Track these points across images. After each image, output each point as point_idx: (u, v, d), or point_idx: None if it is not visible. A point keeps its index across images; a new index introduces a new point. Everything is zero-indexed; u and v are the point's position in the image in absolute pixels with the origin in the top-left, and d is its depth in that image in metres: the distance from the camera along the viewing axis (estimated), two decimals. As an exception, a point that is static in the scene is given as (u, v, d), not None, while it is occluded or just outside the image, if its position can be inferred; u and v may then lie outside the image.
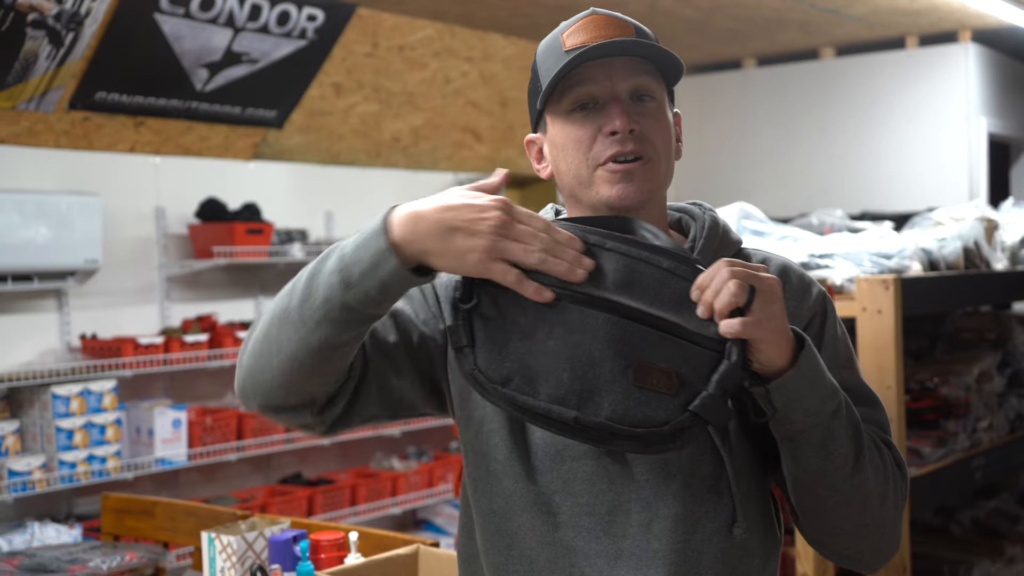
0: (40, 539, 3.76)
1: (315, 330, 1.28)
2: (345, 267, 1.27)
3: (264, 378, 1.34)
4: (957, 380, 3.35)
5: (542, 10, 4.90)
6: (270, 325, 1.33)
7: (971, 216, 3.50)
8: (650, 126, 1.42)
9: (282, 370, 1.32)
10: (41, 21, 3.74)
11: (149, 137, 4.53)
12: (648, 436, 1.26)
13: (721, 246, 1.50)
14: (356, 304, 1.27)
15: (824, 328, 1.48)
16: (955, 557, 3.68)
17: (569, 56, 1.40)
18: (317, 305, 1.28)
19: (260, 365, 1.34)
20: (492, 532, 1.44)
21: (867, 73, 5.86)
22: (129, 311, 4.47)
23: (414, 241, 1.26)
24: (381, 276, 1.26)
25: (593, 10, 1.45)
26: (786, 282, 1.47)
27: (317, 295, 1.28)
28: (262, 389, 1.35)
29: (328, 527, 2.48)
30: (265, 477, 4.94)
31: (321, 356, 1.30)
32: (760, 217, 3.26)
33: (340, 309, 1.27)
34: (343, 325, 1.29)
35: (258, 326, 1.36)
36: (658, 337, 1.27)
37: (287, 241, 4.80)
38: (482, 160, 6.00)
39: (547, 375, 1.27)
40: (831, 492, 1.36)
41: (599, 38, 1.40)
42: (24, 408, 3.97)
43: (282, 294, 1.33)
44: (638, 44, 1.40)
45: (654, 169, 1.42)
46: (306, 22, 4.50)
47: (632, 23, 1.44)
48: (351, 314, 1.28)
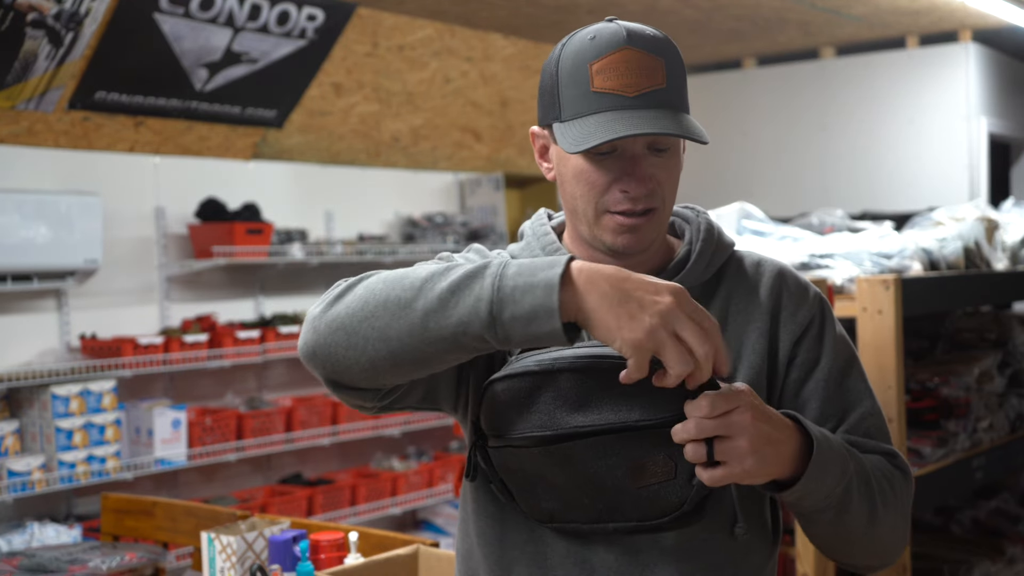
0: (40, 539, 3.76)
1: (435, 343, 1.23)
2: (499, 301, 1.20)
3: (348, 357, 1.26)
4: (957, 380, 3.34)
5: (542, 10, 4.90)
6: (376, 311, 1.24)
7: (971, 216, 3.49)
8: (662, 178, 1.41)
9: (374, 360, 1.25)
10: (41, 21, 3.74)
11: (149, 137, 4.53)
12: (677, 519, 1.35)
13: (717, 250, 1.51)
14: (492, 340, 1.21)
15: (823, 331, 1.49)
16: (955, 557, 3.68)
17: (597, 100, 1.36)
18: (450, 323, 1.22)
19: (348, 343, 1.25)
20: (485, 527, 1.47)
21: (867, 73, 5.86)
22: (129, 311, 4.47)
23: (582, 298, 1.19)
24: (535, 330, 1.20)
25: (628, 37, 1.37)
26: (783, 287, 1.50)
27: (453, 313, 1.21)
28: (340, 367, 1.27)
29: (328, 527, 2.48)
30: (265, 477, 4.94)
31: (424, 365, 1.26)
32: (760, 217, 3.25)
33: (473, 339, 1.22)
34: (466, 350, 1.25)
35: (353, 298, 1.26)
36: (636, 436, 1.31)
37: (287, 241, 4.80)
38: (482, 160, 6.00)
39: (574, 505, 1.37)
40: (847, 541, 1.42)
41: (629, 88, 1.35)
42: (24, 408, 3.97)
43: (402, 283, 1.24)
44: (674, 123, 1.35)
45: (659, 218, 1.43)
46: (306, 22, 4.49)
47: (663, 60, 1.38)
48: (481, 345, 1.23)
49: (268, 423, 4.60)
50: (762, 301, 1.48)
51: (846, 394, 1.47)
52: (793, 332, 1.48)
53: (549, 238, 1.53)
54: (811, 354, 1.48)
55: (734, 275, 1.51)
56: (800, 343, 1.47)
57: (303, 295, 5.14)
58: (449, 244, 5.41)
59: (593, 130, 1.35)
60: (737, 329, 1.47)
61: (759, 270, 1.52)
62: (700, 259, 1.48)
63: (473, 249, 1.54)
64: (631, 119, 1.35)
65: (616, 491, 1.34)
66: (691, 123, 1.39)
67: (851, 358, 1.50)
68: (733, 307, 1.48)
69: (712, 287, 1.50)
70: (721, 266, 1.52)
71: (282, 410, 4.68)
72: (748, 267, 1.52)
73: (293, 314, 4.88)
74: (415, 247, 5.26)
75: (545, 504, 1.38)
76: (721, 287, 1.50)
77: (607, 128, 1.34)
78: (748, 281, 1.50)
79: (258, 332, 4.57)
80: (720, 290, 1.50)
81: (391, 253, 5.15)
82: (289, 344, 4.67)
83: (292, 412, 4.71)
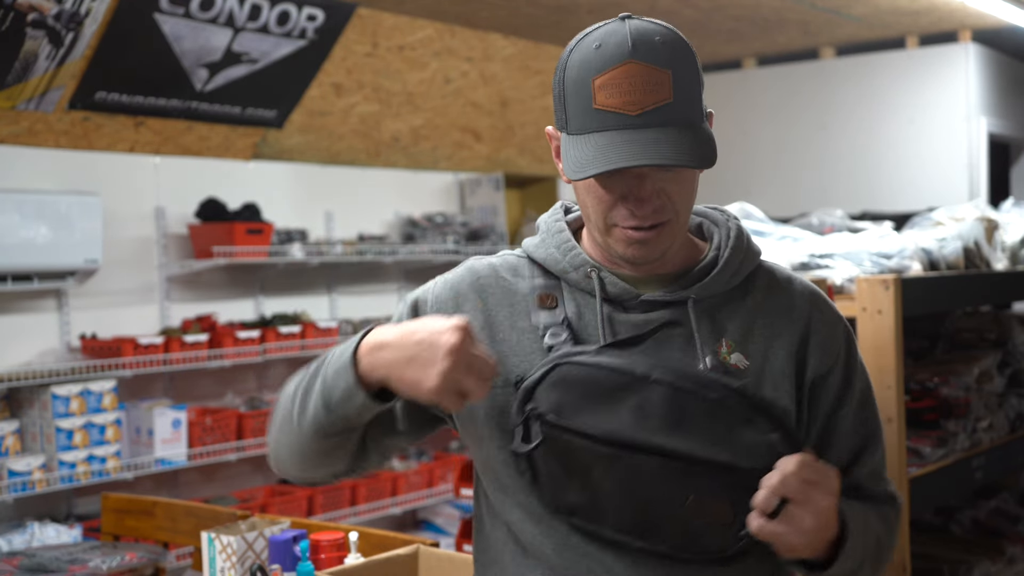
0: (40, 539, 3.76)
1: (311, 436, 1.43)
2: (326, 391, 1.38)
3: (286, 462, 1.52)
4: (957, 380, 3.34)
5: (542, 10, 4.90)
6: (280, 422, 1.50)
7: (971, 216, 3.50)
8: (673, 191, 1.37)
9: (296, 460, 1.50)
10: (41, 21, 3.74)
11: (149, 137, 4.53)
12: (708, 562, 1.35)
13: (746, 258, 1.48)
14: (338, 422, 1.39)
15: (851, 362, 1.50)
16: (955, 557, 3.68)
17: (599, 118, 1.33)
18: (308, 420, 1.42)
19: (280, 453, 1.52)
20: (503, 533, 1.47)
21: (867, 73, 5.86)
22: (129, 311, 4.47)
23: (375, 370, 1.34)
24: (354, 404, 1.36)
25: (633, 49, 1.33)
26: (816, 312, 1.49)
27: (308, 411, 1.42)
28: (288, 469, 1.54)
29: (328, 527, 2.48)
30: (265, 477, 4.94)
31: (322, 451, 1.45)
32: (760, 217, 3.25)
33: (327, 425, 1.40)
34: (332, 434, 1.42)
35: (275, 413, 1.52)
36: (714, 474, 1.31)
37: (287, 241, 4.80)
38: (482, 160, 6.00)
39: (610, 511, 1.35)
40: None
41: (632, 106, 1.31)
42: (24, 408, 3.97)
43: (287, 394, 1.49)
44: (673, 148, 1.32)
45: (671, 229, 1.40)
46: (306, 22, 4.50)
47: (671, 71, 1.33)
48: (335, 427, 1.41)
49: (268, 423, 4.59)
50: (792, 322, 1.46)
51: (865, 428, 1.49)
52: (824, 361, 1.46)
53: (564, 236, 1.49)
54: (841, 386, 1.47)
55: (763, 288, 1.48)
56: (831, 373, 1.47)
57: (303, 295, 5.14)
58: (449, 244, 5.41)
59: (592, 155, 1.32)
60: (762, 344, 1.44)
61: (790, 288, 1.49)
62: (727, 267, 1.45)
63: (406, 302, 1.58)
64: (631, 144, 1.31)
65: (663, 516, 1.33)
66: (696, 142, 1.33)
67: (869, 387, 1.51)
68: (760, 321, 1.45)
69: (738, 296, 1.46)
70: (750, 275, 1.48)
71: (282, 410, 4.67)
72: (778, 283, 1.50)
73: (293, 314, 4.88)
74: (415, 247, 5.26)
75: (573, 498, 1.36)
76: (748, 298, 1.46)
77: (604, 155, 1.31)
78: (778, 298, 1.47)
79: (258, 332, 4.57)
80: (747, 301, 1.46)
81: (391, 253, 5.15)
82: (289, 344, 4.67)
83: (292, 412, 4.70)
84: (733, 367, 1.40)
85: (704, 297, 1.44)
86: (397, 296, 5.54)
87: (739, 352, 1.41)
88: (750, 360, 1.41)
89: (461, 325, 1.29)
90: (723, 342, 1.42)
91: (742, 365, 1.41)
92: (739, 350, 1.42)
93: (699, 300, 1.43)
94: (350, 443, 1.45)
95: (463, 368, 1.28)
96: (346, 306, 5.29)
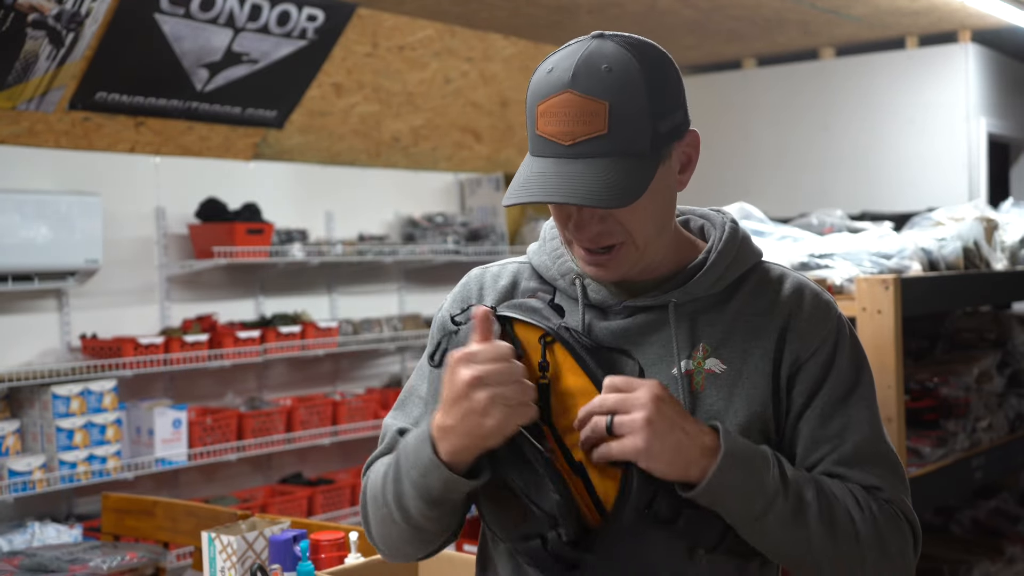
0: (40, 539, 3.76)
1: (422, 525, 1.41)
2: (424, 491, 1.36)
3: (403, 551, 1.49)
4: (957, 380, 3.35)
5: (542, 10, 4.90)
6: (383, 525, 1.46)
7: (971, 216, 3.50)
8: (622, 217, 1.36)
9: (414, 546, 1.46)
10: (41, 21, 3.74)
11: (149, 137, 4.53)
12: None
13: (738, 257, 1.45)
14: (445, 506, 1.38)
15: (833, 357, 1.42)
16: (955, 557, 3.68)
17: (539, 144, 1.35)
18: (415, 516, 1.39)
19: (393, 548, 1.49)
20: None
21: (867, 73, 5.87)
22: (129, 311, 4.47)
23: (456, 452, 1.32)
24: (460, 490, 1.35)
25: (572, 85, 1.32)
26: (797, 305, 1.43)
27: (411, 512, 1.39)
28: (407, 556, 1.51)
29: (328, 527, 2.48)
30: (265, 477, 4.95)
31: (433, 533, 1.43)
32: (760, 217, 3.25)
33: (433, 511, 1.38)
34: (439, 518, 1.40)
35: (370, 515, 1.48)
36: None
37: (287, 241, 4.80)
38: (482, 160, 6.00)
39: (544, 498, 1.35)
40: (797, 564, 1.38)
41: (566, 136, 1.32)
42: (24, 408, 3.97)
43: (378, 502, 1.44)
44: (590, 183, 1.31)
45: (627, 252, 1.39)
46: (306, 22, 4.50)
47: (609, 103, 1.31)
48: (442, 509, 1.39)
49: (268, 423, 4.60)
50: (772, 319, 1.42)
51: (843, 422, 1.40)
52: (797, 355, 1.41)
53: (555, 243, 1.51)
54: (813, 381, 1.41)
55: (750, 291, 1.44)
56: (804, 368, 1.41)
57: (303, 295, 5.15)
58: (449, 244, 5.41)
59: (522, 182, 1.35)
60: (741, 347, 1.41)
61: (778, 286, 1.45)
62: (712, 270, 1.42)
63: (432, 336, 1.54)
64: (557, 176, 1.31)
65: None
66: (625, 175, 1.31)
67: (856, 384, 1.42)
68: (742, 324, 1.41)
69: (724, 299, 1.44)
70: (741, 278, 1.45)
71: (282, 410, 4.69)
72: (769, 282, 1.45)
73: (293, 314, 4.89)
74: (415, 247, 5.26)
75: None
76: (732, 302, 1.43)
77: (527, 185, 1.33)
78: (763, 298, 1.43)
79: (258, 332, 4.58)
80: (731, 305, 1.43)
81: (391, 253, 5.15)
82: (289, 344, 4.67)
83: (292, 412, 4.71)
84: (708, 372, 1.39)
85: (686, 301, 1.42)
86: (397, 296, 5.54)
87: (715, 357, 1.40)
88: (727, 364, 1.39)
89: (460, 355, 1.30)
90: (700, 347, 1.40)
91: (718, 370, 1.39)
92: (716, 354, 1.40)
93: (681, 304, 1.42)
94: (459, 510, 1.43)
95: (495, 385, 1.28)
96: (346, 306, 5.30)
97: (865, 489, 1.38)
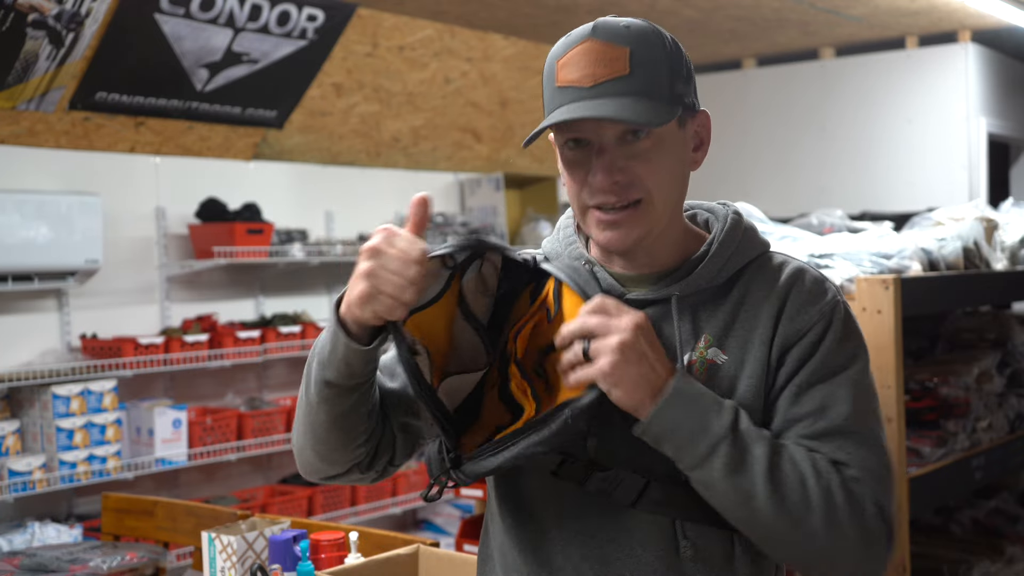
0: (40, 539, 3.76)
1: (319, 409, 1.40)
2: (321, 352, 1.38)
3: (307, 456, 1.48)
4: (957, 380, 3.35)
5: (542, 10, 4.90)
6: (297, 413, 1.47)
7: (971, 216, 3.50)
8: (640, 168, 1.36)
9: (315, 448, 1.45)
10: (41, 21, 3.74)
11: (149, 137, 4.53)
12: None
13: (741, 248, 1.44)
14: (336, 379, 1.36)
15: (822, 339, 1.38)
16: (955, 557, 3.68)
17: (559, 95, 1.36)
18: (313, 391, 1.40)
19: (301, 446, 1.48)
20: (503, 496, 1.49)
21: (867, 73, 5.87)
22: (129, 311, 4.47)
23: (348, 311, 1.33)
24: (340, 352, 1.35)
25: (594, 28, 1.36)
26: (793, 287, 1.41)
27: (311, 383, 1.40)
28: (311, 467, 1.49)
29: (328, 527, 2.48)
30: (265, 477, 4.95)
31: (335, 427, 1.41)
32: (760, 217, 3.26)
33: (326, 387, 1.38)
34: (335, 399, 1.39)
35: (295, 416, 1.50)
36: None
37: (287, 241, 4.80)
38: (482, 160, 6.00)
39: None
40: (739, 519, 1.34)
41: (587, 79, 1.33)
42: (24, 408, 3.97)
43: (300, 391, 1.48)
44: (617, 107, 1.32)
45: (645, 212, 1.38)
46: (306, 22, 4.50)
47: (629, 48, 1.34)
48: (336, 388, 1.37)
49: (268, 423, 4.60)
50: (770, 305, 1.40)
51: (821, 401, 1.36)
52: (787, 337, 1.38)
53: (569, 231, 1.52)
54: (797, 361, 1.38)
55: (753, 281, 1.43)
56: (792, 349, 1.38)
57: (303, 295, 5.15)
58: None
59: (544, 122, 1.36)
60: (741, 336, 1.40)
61: (778, 274, 1.43)
62: (713, 261, 1.42)
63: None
64: (580, 110, 1.33)
65: None
66: (648, 109, 1.33)
67: (842, 368, 1.38)
68: (741, 314, 1.41)
69: (725, 291, 1.43)
70: (744, 268, 1.44)
71: (282, 410, 4.68)
72: (769, 271, 1.44)
73: (293, 314, 4.89)
74: (415, 247, 5.25)
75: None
76: (735, 292, 1.42)
77: (548, 119, 1.35)
78: (764, 287, 1.42)
79: (258, 332, 4.58)
80: (733, 295, 1.42)
81: (391, 253, 5.14)
82: (289, 344, 4.67)
83: (292, 412, 4.71)
84: (709, 362, 1.39)
85: (689, 293, 1.42)
86: (397, 296, 5.53)
87: (716, 347, 1.40)
88: (728, 354, 1.39)
89: (383, 230, 1.33)
90: (702, 338, 1.40)
91: (719, 360, 1.39)
92: (718, 344, 1.40)
93: (684, 297, 1.42)
94: (360, 417, 1.41)
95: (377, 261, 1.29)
96: (346, 306, 5.29)
97: (832, 464, 1.33)
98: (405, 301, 1.29)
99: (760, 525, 1.32)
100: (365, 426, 1.42)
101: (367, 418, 1.42)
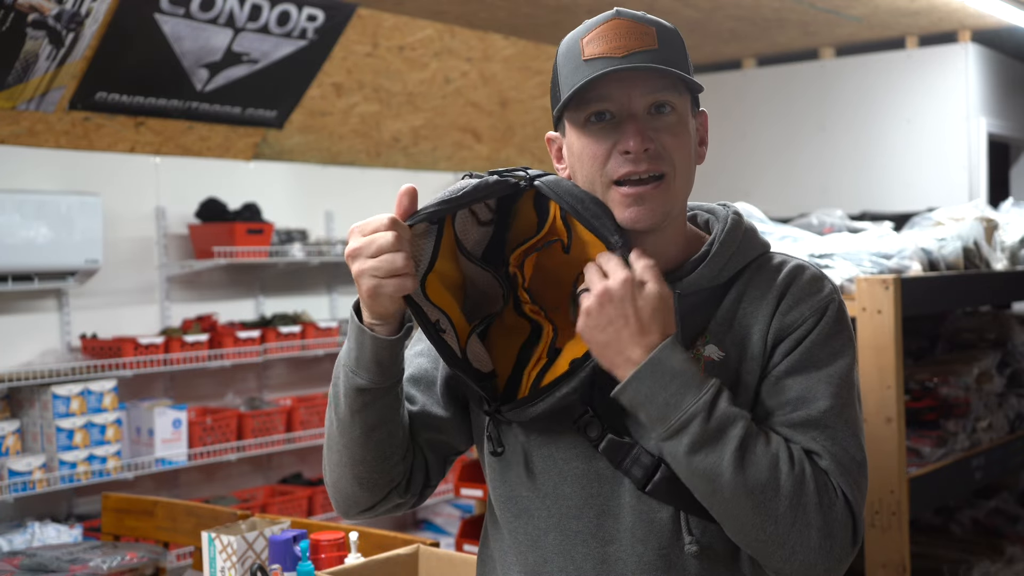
0: (40, 539, 3.76)
1: (353, 424, 1.40)
2: (347, 363, 1.39)
3: (345, 486, 1.47)
4: (957, 380, 3.35)
5: (542, 10, 4.90)
6: (328, 442, 1.47)
7: (971, 216, 3.50)
8: (668, 142, 1.38)
9: (353, 470, 1.44)
10: (41, 21, 3.74)
11: (149, 137, 4.53)
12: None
13: (741, 248, 1.45)
14: (368, 382, 1.38)
15: (809, 333, 1.38)
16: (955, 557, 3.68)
17: (587, 67, 1.36)
18: (344, 405, 1.40)
19: (336, 477, 1.47)
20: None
21: (867, 73, 5.87)
22: (129, 311, 4.47)
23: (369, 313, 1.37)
24: (369, 352, 1.36)
25: (617, 11, 1.39)
26: (791, 283, 1.42)
27: (341, 398, 1.41)
28: (351, 498, 1.48)
29: (328, 527, 2.48)
30: (265, 477, 4.95)
31: (371, 442, 1.41)
32: (760, 217, 3.26)
33: (358, 395, 1.39)
34: (369, 407, 1.39)
35: (325, 448, 1.49)
36: None
37: (287, 241, 4.80)
38: (482, 160, 6.00)
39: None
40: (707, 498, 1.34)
41: (618, 49, 1.35)
42: (24, 408, 3.97)
43: (327, 419, 1.47)
44: (654, 69, 1.36)
45: (669, 188, 1.39)
46: (306, 22, 4.50)
47: (655, 28, 1.38)
48: (369, 393, 1.39)
49: (268, 423, 4.60)
50: (767, 303, 1.41)
51: (799, 393, 1.36)
52: (778, 332, 1.39)
53: None
54: (784, 352, 1.38)
55: (749, 280, 1.43)
56: (783, 342, 1.39)
57: (303, 295, 5.15)
58: (449, 244, 5.40)
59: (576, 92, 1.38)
60: (740, 333, 1.41)
61: (776, 272, 1.43)
62: (713, 261, 1.42)
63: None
64: (612, 69, 1.35)
65: None
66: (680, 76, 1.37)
67: (825, 364, 1.38)
68: (740, 312, 1.42)
69: (725, 290, 1.44)
70: (744, 268, 1.45)
71: (282, 410, 4.69)
72: (768, 270, 1.44)
73: (293, 314, 4.89)
74: (415, 247, 5.26)
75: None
76: (734, 291, 1.43)
77: (597, 72, 1.36)
78: (762, 286, 1.42)
79: (258, 332, 4.58)
80: (732, 294, 1.43)
81: (391, 253, 5.14)
82: (289, 344, 4.67)
83: (292, 412, 4.71)
84: (707, 359, 1.40)
85: (690, 292, 1.42)
86: (397, 296, 5.54)
87: (714, 344, 1.40)
88: (725, 351, 1.39)
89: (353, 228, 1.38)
90: (701, 335, 1.41)
91: (716, 357, 1.39)
92: (716, 342, 1.40)
93: (685, 296, 1.42)
94: (395, 429, 1.42)
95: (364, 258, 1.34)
96: (346, 306, 5.29)
97: (806, 454, 1.34)
98: (404, 270, 1.32)
99: (723, 503, 1.31)
100: (399, 439, 1.44)
101: (400, 429, 1.43)
